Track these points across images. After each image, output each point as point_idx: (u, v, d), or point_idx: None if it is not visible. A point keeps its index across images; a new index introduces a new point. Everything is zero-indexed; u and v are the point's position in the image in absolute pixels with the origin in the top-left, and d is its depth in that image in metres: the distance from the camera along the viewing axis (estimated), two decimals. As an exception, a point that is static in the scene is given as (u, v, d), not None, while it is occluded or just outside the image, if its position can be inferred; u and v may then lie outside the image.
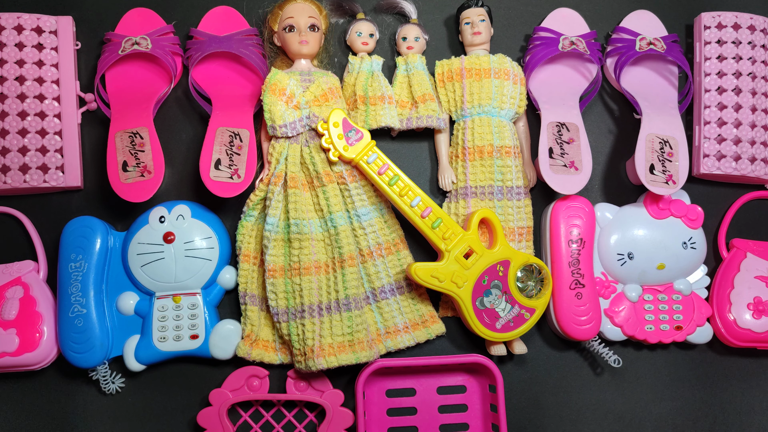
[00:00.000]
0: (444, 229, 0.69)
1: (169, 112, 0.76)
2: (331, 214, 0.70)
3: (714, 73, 0.75)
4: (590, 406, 0.76)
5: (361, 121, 0.72)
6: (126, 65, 0.74)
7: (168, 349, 0.70)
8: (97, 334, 0.69)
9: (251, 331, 0.71)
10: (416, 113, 0.73)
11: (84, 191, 0.74)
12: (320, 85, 0.71)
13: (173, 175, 0.75)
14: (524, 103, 0.74)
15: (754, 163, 0.74)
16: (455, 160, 0.74)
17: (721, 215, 0.78)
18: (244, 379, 0.71)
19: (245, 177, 0.69)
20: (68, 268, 0.69)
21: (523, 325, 0.70)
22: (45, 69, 0.72)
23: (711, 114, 0.75)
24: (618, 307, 0.73)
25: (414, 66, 0.74)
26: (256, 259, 0.72)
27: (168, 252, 0.70)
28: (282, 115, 0.69)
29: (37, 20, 0.72)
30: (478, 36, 0.74)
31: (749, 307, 0.73)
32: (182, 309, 0.70)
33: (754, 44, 0.76)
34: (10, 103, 0.71)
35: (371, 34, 0.75)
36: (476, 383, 0.74)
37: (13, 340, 0.68)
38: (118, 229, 0.73)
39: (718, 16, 0.76)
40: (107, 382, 0.71)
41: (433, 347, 0.74)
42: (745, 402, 0.76)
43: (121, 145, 0.69)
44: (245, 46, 0.73)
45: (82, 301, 0.69)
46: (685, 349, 0.76)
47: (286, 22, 0.72)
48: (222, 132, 0.70)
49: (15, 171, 0.70)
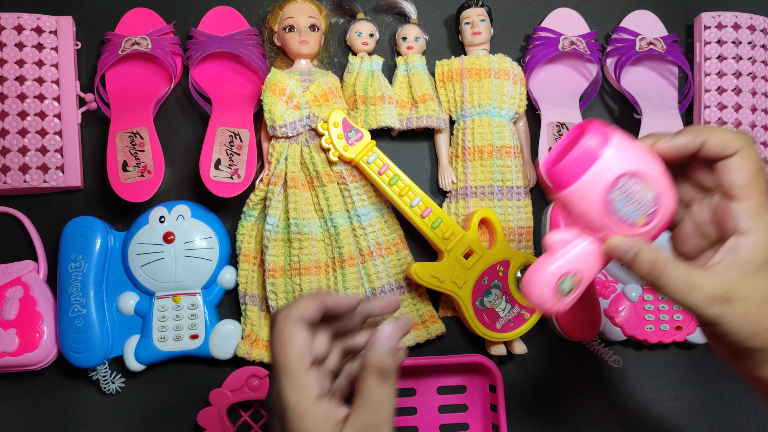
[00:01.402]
0: (444, 229, 0.69)
1: (169, 112, 0.76)
2: (331, 214, 0.70)
3: (714, 73, 0.76)
4: (590, 406, 0.76)
5: (361, 121, 0.72)
6: (126, 65, 0.74)
7: (168, 349, 0.70)
8: (97, 334, 0.69)
9: (251, 331, 0.71)
10: (416, 113, 0.73)
11: (84, 191, 0.74)
12: (320, 85, 0.71)
13: (173, 175, 0.75)
14: (524, 103, 0.74)
15: (754, 163, 0.74)
16: (455, 160, 0.74)
17: (721, 215, 0.78)
18: (244, 379, 0.71)
19: (245, 177, 0.69)
20: (68, 268, 0.69)
21: (523, 325, 0.70)
22: (45, 69, 0.72)
23: (711, 114, 0.75)
24: (618, 307, 0.73)
25: (414, 66, 0.74)
26: (256, 259, 0.72)
27: (168, 252, 0.70)
28: (282, 115, 0.69)
29: (37, 20, 0.72)
30: (478, 36, 0.74)
31: (749, 307, 0.73)
32: (182, 309, 0.71)
33: (754, 44, 0.76)
34: (10, 103, 0.71)
35: (371, 34, 0.75)
36: (476, 383, 0.74)
37: (13, 340, 0.68)
38: (118, 229, 0.73)
39: (718, 16, 0.76)
40: (107, 382, 0.71)
41: (433, 347, 0.74)
42: (745, 402, 0.76)
43: (121, 145, 0.69)
44: (245, 46, 0.73)
45: (82, 301, 0.69)
46: (685, 349, 0.76)
47: (286, 22, 0.72)
48: (222, 132, 0.70)
49: (15, 171, 0.70)
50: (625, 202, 0.43)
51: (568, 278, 0.45)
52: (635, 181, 0.43)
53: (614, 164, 0.43)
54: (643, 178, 0.43)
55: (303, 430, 0.43)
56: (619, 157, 0.43)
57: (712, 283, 0.42)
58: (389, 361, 0.44)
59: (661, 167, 0.44)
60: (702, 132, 0.44)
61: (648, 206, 0.44)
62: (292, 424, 0.43)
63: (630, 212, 0.44)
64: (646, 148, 0.45)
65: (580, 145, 0.43)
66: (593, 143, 0.43)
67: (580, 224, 0.45)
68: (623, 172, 0.43)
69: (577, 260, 0.45)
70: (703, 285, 0.42)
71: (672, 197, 0.45)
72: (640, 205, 0.44)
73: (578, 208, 0.44)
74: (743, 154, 0.43)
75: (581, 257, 0.45)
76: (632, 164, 0.43)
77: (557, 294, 0.45)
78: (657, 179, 0.44)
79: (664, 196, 0.44)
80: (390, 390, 0.44)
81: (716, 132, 0.44)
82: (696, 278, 0.42)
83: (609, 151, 0.43)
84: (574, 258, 0.45)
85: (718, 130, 0.44)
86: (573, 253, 0.45)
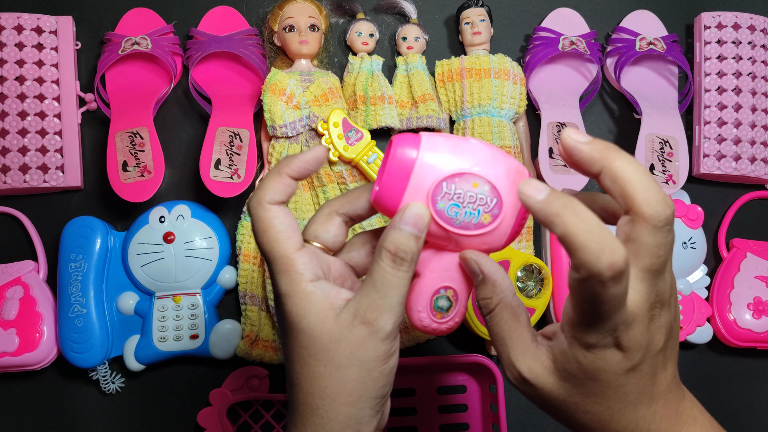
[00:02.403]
0: (444, 229, 0.69)
1: (169, 112, 0.76)
2: (331, 214, 0.70)
3: (714, 73, 0.75)
4: (590, 406, 0.76)
5: (361, 121, 0.72)
6: (126, 65, 0.74)
7: (168, 349, 0.70)
8: (97, 334, 0.69)
9: (251, 331, 0.71)
10: (416, 113, 0.73)
11: (84, 191, 0.74)
12: (320, 85, 0.71)
13: (173, 175, 0.75)
14: (524, 103, 0.74)
15: (754, 163, 0.74)
16: (455, 160, 0.74)
17: (721, 215, 0.78)
18: (244, 379, 0.71)
19: (245, 177, 0.69)
20: (68, 268, 0.69)
21: (523, 325, 0.70)
22: (45, 69, 0.72)
23: (711, 114, 0.75)
24: (618, 307, 0.72)
25: (414, 66, 0.74)
26: (256, 259, 0.72)
27: (168, 252, 0.70)
28: (282, 115, 0.69)
29: (37, 20, 0.72)
30: (478, 36, 0.74)
31: (749, 307, 0.73)
32: (182, 309, 0.70)
33: (754, 44, 0.76)
34: (10, 103, 0.71)
35: (371, 34, 0.75)
36: (476, 383, 0.74)
37: (13, 340, 0.68)
38: (118, 229, 0.73)
39: (718, 16, 0.76)
40: (107, 382, 0.71)
41: (433, 347, 0.74)
42: (745, 402, 0.76)
43: (121, 145, 0.69)
44: (245, 46, 0.73)
45: (82, 301, 0.69)
46: (685, 349, 0.76)
47: (286, 22, 0.72)
48: (222, 132, 0.70)
49: (15, 171, 0.70)
50: (458, 206, 0.39)
51: (441, 296, 0.42)
52: (458, 181, 0.39)
53: (430, 173, 0.38)
54: (465, 176, 0.38)
55: (298, 315, 0.39)
56: (432, 163, 0.38)
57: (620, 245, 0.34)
58: (409, 244, 0.39)
59: (486, 151, 0.39)
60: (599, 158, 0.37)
61: (487, 201, 0.39)
62: (288, 313, 0.40)
63: (468, 215, 0.39)
64: (456, 137, 0.40)
65: (387, 164, 0.39)
66: (401, 157, 0.38)
67: (429, 241, 0.41)
68: (440, 179, 0.38)
69: (442, 276, 0.41)
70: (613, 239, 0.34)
71: (512, 178, 0.39)
72: (477, 204, 0.39)
73: None
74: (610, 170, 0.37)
75: (445, 272, 0.41)
76: (448, 166, 0.38)
77: (437, 314, 0.42)
78: (484, 168, 0.39)
79: (502, 182, 0.39)
80: (403, 276, 0.39)
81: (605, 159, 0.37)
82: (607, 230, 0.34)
83: (419, 161, 0.38)
84: (438, 275, 0.41)
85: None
86: (436, 271, 0.41)
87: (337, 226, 0.44)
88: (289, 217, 0.41)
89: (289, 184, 0.41)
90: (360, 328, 0.39)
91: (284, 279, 0.40)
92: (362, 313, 0.39)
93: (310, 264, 0.40)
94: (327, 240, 0.44)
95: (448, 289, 0.42)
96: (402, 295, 0.39)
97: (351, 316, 0.39)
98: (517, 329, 0.41)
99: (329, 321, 0.39)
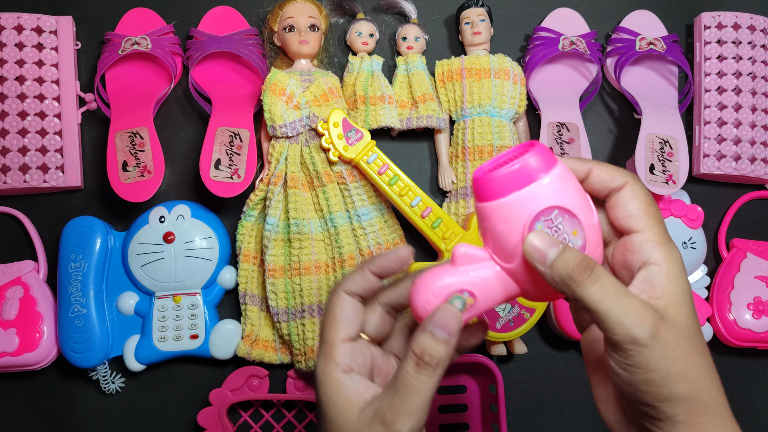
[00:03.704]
0: (444, 229, 0.69)
1: (169, 112, 0.76)
2: (331, 214, 0.70)
3: (714, 73, 0.75)
4: (590, 406, 0.76)
5: (361, 121, 0.72)
6: (126, 65, 0.74)
7: (168, 349, 0.70)
8: (97, 334, 0.69)
9: (251, 331, 0.71)
10: (416, 113, 0.73)
11: (84, 191, 0.74)
12: (320, 85, 0.71)
13: (173, 175, 0.75)
14: (524, 103, 0.74)
15: (754, 163, 0.74)
16: (455, 160, 0.74)
17: (721, 215, 0.78)
18: (244, 379, 0.71)
19: (245, 177, 0.69)
20: (68, 268, 0.69)
21: (523, 325, 0.70)
22: (45, 69, 0.72)
23: (711, 114, 0.75)
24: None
25: (414, 66, 0.74)
26: (256, 259, 0.72)
27: (168, 252, 0.70)
28: (282, 115, 0.69)
29: (37, 20, 0.72)
30: (478, 36, 0.74)
31: (749, 307, 0.73)
32: (182, 309, 0.71)
33: (754, 44, 0.76)
34: (10, 103, 0.71)
35: (371, 34, 0.75)
36: (476, 383, 0.74)
37: (13, 340, 0.68)
38: (118, 229, 0.73)
39: (718, 16, 0.76)
40: (107, 382, 0.71)
41: (433, 347, 0.74)
42: (745, 402, 0.76)
43: (121, 145, 0.69)
44: (245, 46, 0.73)
45: (82, 301, 0.69)
46: (685, 349, 0.76)
47: (286, 22, 0.72)
48: (222, 132, 0.70)
49: (15, 171, 0.70)
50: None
51: (460, 297, 0.40)
52: (566, 219, 0.38)
53: (551, 193, 0.38)
54: (575, 221, 0.38)
55: (327, 404, 0.41)
56: (558, 188, 0.38)
57: (641, 302, 0.37)
58: (436, 348, 0.38)
59: (596, 219, 0.40)
60: (587, 161, 0.41)
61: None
62: (320, 400, 0.41)
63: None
64: (586, 194, 0.40)
65: (521, 160, 0.38)
66: (535, 163, 0.38)
67: (493, 246, 0.40)
68: (557, 205, 0.38)
69: (476, 283, 0.40)
70: (634, 300, 0.36)
71: (598, 254, 0.40)
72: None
73: (498, 226, 0.39)
74: (633, 185, 0.40)
75: (482, 281, 0.40)
76: (569, 201, 0.38)
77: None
78: (590, 228, 0.39)
79: (591, 249, 0.39)
80: (426, 380, 0.38)
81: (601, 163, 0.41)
82: (627, 291, 0.37)
83: (548, 178, 0.38)
84: (474, 279, 0.40)
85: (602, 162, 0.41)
86: (475, 274, 0.40)
87: (379, 317, 0.45)
88: (352, 310, 0.42)
89: (369, 279, 0.43)
90: (378, 428, 0.39)
91: (322, 364, 0.42)
92: (382, 414, 0.39)
93: (349, 356, 0.42)
94: (370, 332, 0.44)
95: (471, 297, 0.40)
96: (423, 400, 0.39)
97: (372, 414, 0.39)
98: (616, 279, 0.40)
99: (353, 415, 0.40)
